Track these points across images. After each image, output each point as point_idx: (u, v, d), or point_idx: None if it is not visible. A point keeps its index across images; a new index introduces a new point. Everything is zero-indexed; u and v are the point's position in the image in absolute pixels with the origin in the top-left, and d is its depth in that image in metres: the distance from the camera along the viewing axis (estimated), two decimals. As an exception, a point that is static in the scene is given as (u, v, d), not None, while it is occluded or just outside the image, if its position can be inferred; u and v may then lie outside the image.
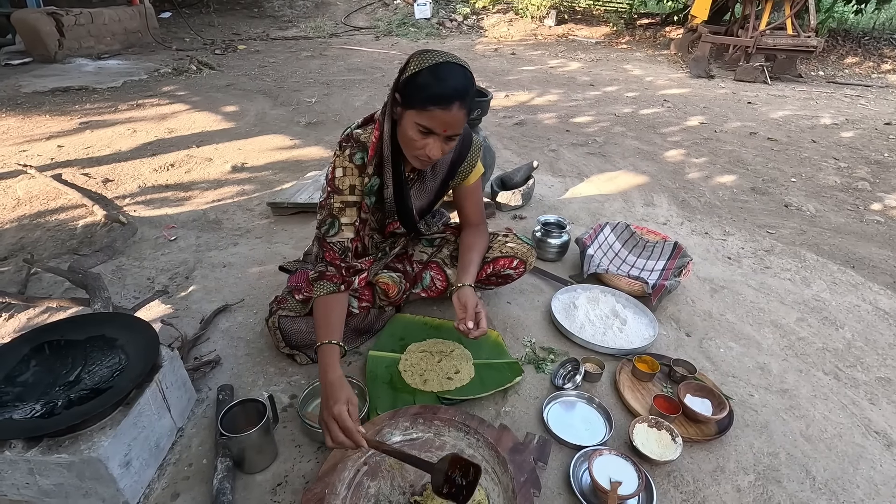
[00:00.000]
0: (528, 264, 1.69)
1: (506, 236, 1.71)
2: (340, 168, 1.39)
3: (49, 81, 4.65)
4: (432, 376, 1.46)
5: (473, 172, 1.56)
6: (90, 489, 1.09)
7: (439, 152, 1.26)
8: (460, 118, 1.21)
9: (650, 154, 3.67)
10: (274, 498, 1.17)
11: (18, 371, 1.15)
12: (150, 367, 1.19)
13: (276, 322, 1.50)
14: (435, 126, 1.20)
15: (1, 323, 1.72)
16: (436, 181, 1.53)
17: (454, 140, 1.27)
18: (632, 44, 8.54)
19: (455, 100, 1.18)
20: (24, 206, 2.50)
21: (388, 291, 1.61)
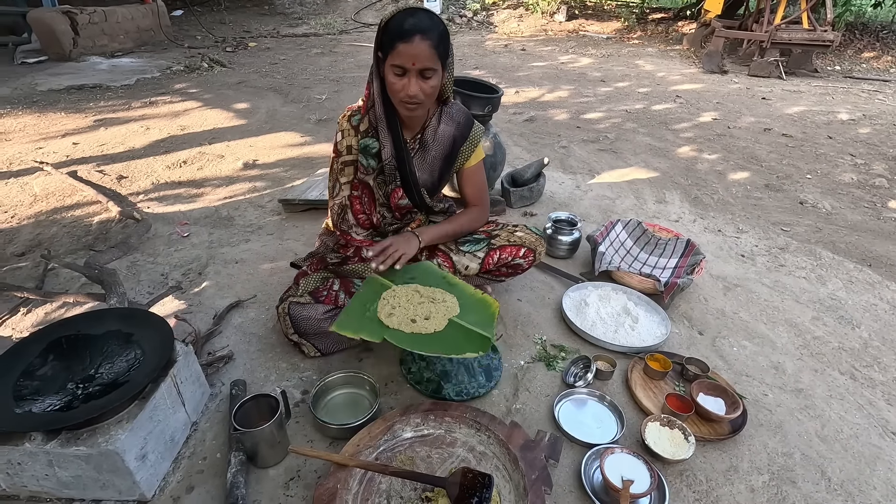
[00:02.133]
0: (537, 253, 1.68)
1: (515, 226, 1.71)
2: (340, 132, 1.50)
3: (64, 79, 4.71)
4: (401, 313, 1.33)
5: (474, 155, 1.59)
6: (107, 481, 1.10)
7: (416, 89, 1.30)
8: (425, 50, 1.26)
9: (662, 150, 3.63)
10: (286, 492, 1.18)
11: (37, 365, 1.17)
12: (166, 361, 1.21)
13: (287, 308, 1.51)
14: (404, 61, 1.27)
15: (19, 318, 1.75)
16: (437, 152, 1.54)
17: (431, 79, 1.31)
18: (643, 39, 8.44)
19: (416, 33, 1.25)
20: (41, 203, 2.53)
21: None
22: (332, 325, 1.27)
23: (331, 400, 1.42)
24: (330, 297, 1.53)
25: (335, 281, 1.56)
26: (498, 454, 1.24)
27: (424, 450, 1.26)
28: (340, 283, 1.56)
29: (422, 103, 1.35)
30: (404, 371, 1.50)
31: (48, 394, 1.12)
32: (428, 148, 1.53)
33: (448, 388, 1.45)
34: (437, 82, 1.33)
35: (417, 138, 1.52)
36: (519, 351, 1.65)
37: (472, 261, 1.64)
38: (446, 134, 1.52)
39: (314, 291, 1.54)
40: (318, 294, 1.53)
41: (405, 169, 1.50)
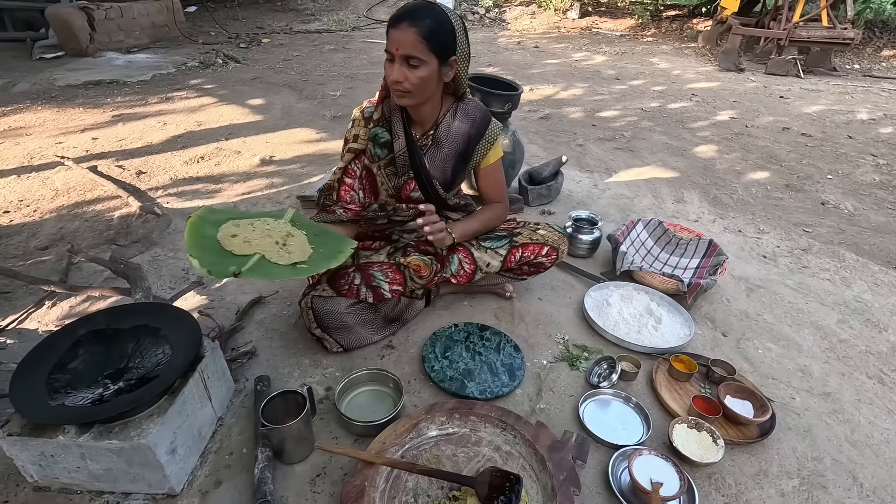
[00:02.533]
0: (560, 252, 1.68)
1: (537, 224, 1.71)
2: (352, 121, 1.53)
3: (81, 75, 4.74)
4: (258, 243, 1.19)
5: (492, 152, 1.58)
6: (138, 475, 1.11)
7: (400, 75, 1.30)
8: (410, 37, 1.25)
9: (679, 149, 3.59)
10: (313, 489, 1.19)
11: (68, 358, 1.18)
12: (194, 357, 1.21)
13: (310, 302, 1.51)
14: (391, 46, 1.29)
15: (44, 311, 1.77)
16: (450, 149, 1.53)
17: (418, 69, 1.30)
18: (657, 36, 8.36)
19: (404, 19, 1.26)
20: (63, 197, 2.56)
21: (419, 272, 1.59)
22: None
23: (355, 397, 1.42)
24: (352, 291, 1.53)
25: (356, 274, 1.55)
26: (524, 454, 1.23)
27: (450, 448, 1.26)
28: (361, 276, 1.55)
29: (410, 93, 1.34)
30: (427, 369, 1.50)
31: (80, 387, 1.12)
32: (441, 144, 1.52)
33: (471, 386, 1.45)
34: (425, 73, 1.31)
35: (430, 134, 1.51)
36: (541, 350, 1.64)
37: (493, 258, 1.64)
38: (461, 131, 1.51)
39: (335, 283, 1.53)
40: (340, 287, 1.53)
41: (416, 161, 1.50)
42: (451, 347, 1.58)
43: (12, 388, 1.08)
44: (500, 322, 1.75)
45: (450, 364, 1.52)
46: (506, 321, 1.76)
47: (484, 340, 1.62)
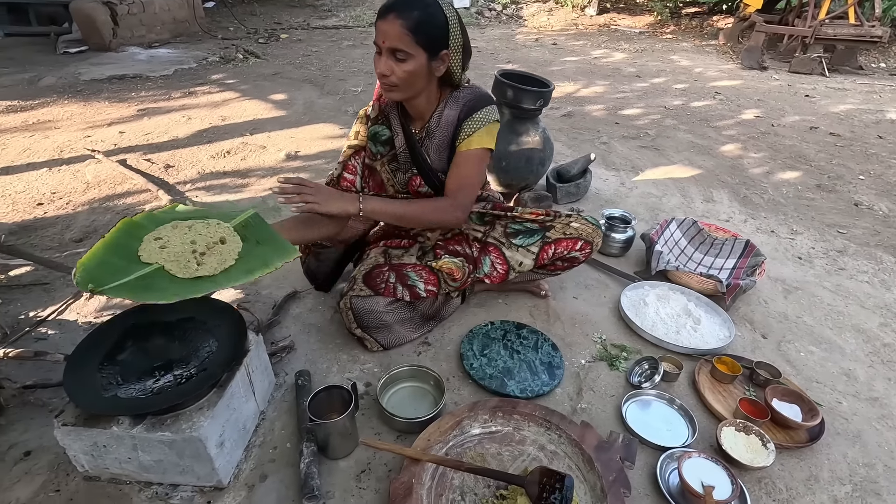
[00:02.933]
0: (594, 245, 1.63)
1: (569, 216, 1.63)
2: (357, 119, 1.54)
3: (105, 69, 4.79)
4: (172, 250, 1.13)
5: (476, 137, 1.41)
6: (187, 467, 1.12)
7: (386, 68, 1.27)
8: (396, 29, 1.23)
9: (705, 148, 3.54)
10: (359, 484, 1.18)
11: (118, 350, 1.18)
12: (241, 350, 1.21)
13: (349, 302, 1.50)
14: (377, 38, 1.26)
15: (83, 302, 1.78)
16: (440, 138, 1.46)
17: (405, 62, 1.27)
18: (677, 34, 8.25)
19: (391, 10, 1.23)
20: (94, 190, 2.58)
21: (453, 275, 1.57)
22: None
23: (395, 393, 1.42)
24: (388, 289, 1.52)
25: (391, 273, 1.54)
26: (570, 454, 1.22)
27: (494, 447, 1.25)
28: (396, 275, 1.54)
29: (398, 87, 1.31)
30: (466, 366, 1.49)
31: (131, 379, 1.13)
32: (433, 135, 1.47)
33: (512, 385, 1.44)
34: (412, 68, 1.28)
35: (426, 127, 1.48)
36: (578, 349, 1.62)
37: (525, 256, 1.61)
38: (449, 118, 1.44)
39: (371, 283, 1.52)
40: (376, 286, 1.52)
41: (417, 157, 1.48)
42: (489, 345, 1.57)
43: (66, 379, 1.09)
44: (536, 320, 1.74)
45: (488, 362, 1.51)
46: (541, 320, 1.74)
47: (521, 339, 1.61)
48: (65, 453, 1.18)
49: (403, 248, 1.67)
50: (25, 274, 1.93)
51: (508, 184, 2.46)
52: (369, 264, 1.58)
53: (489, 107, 1.43)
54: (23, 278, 1.91)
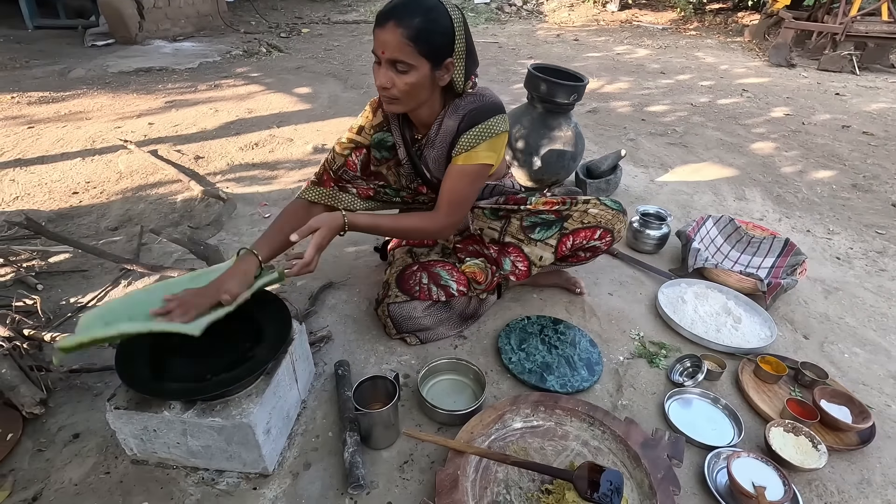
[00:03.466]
0: (615, 232, 1.54)
1: (587, 202, 1.54)
2: (364, 111, 1.46)
3: (132, 62, 4.85)
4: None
5: (472, 153, 1.30)
6: (234, 453, 1.12)
7: (386, 80, 1.19)
8: (395, 39, 1.12)
9: (735, 146, 3.48)
10: (402, 475, 1.18)
11: (166, 337, 1.19)
12: (287, 338, 1.22)
13: (387, 310, 1.50)
14: (376, 48, 1.18)
15: (121, 289, 1.81)
16: (440, 150, 1.38)
17: (407, 74, 1.17)
18: (701, 30, 8.12)
19: (390, 18, 1.13)
20: (126, 180, 2.61)
21: (476, 278, 1.57)
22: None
23: (434, 385, 1.42)
24: (423, 292, 1.51)
25: (422, 273, 1.53)
26: (615, 450, 1.21)
27: (537, 441, 1.24)
28: (428, 276, 1.53)
29: (398, 100, 1.23)
30: (504, 361, 1.48)
31: (180, 365, 1.14)
32: (433, 144, 1.39)
33: (551, 380, 1.43)
34: (414, 80, 1.18)
35: (427, 135, 1.40)
36: (616, 346, 1.60)
37: (544, 250, 1.57)
38: (448, 129, 1.33)
39: (405, 286, 1.51)
40: (411, 289, 1.51)
41: (417, 168, 1.44)
42: (527, 340, 1.56)
43: (118, 363, 1.10)
44: (572, 316, 1.72)
45: (527, 356, 1.50)
46: (577, 315, 1.73)
47: (558, 334, 1.59)
48: (112, 437, 1.20)
49: (428, 247, 1.66)
50: (65, 261, 1.96)
51: (539, 179, 2.44)
52: (399, 266, 1.57)
53: (494, 117, 1.30)
54: (62, 265, 1.94)
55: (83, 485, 1.14)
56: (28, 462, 1.19)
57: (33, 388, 1.27)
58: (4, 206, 2.34)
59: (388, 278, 1.56)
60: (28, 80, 4.26)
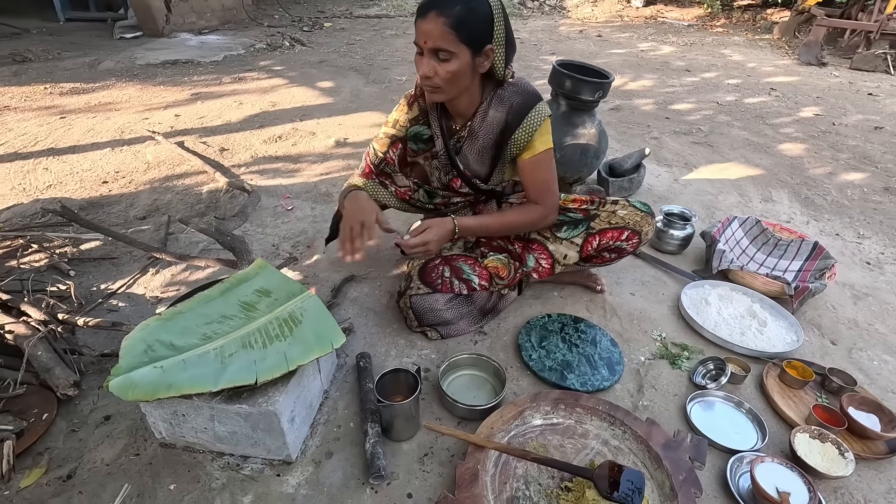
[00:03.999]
0: (642, 234, 1.54)
1: (615, 203, 1.56)
2: (399, 105, 1.50)
3: (160, 54, 4.94)
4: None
5: (531, 145, 1.38)
6: (259, 440, 1.15)
7: (429, 69, 1.23)
8: (437, 28, 1.17)
9: (762, 146, 3.41)
10: (422, 467, 1.19)
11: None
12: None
13: (408, 302, 1.51)
14: (418, 38, 1.21)
15: (149, 277, 1.85)
16: (484, 141, 1.42)
17: (448, 62, 1.22)
18: (728, 27, 7.94)
19: (431, 7, 1.17)
20: (154, 170, 2.67)
21: (499, 273, 1.57)
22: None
23: (454, 379, 1.43)
24: (445, 285, 1.52)
25: (445, 267, 1.54)
26: (636, 451, 1.20)
27: (556, 438, 1.24)
28: (450, 269, 1.54)
29: (441, 88, 1.27)
30: (525, 358, 1.48)
31: (209, 352, 1.17)
32: (476, 136, 1.42)
33: (571, 378, 1.42)
34: (456, 67, 1.22)
35: (468, 125, 1.43)
36: (637, 346, 1.59)
37: (569, 248, 1.57)
38: (495, 120, 1.38)
39: (428, 279, 1.51)
40: (433, 282, 1.51)
41: (455, 161, 1.46)
42: (547, 338, 1.56)
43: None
44: (593, 315, 1.71)
45: (547, 354, 1.50)
46: (598, 314, 1.72)
47: (579, 332, 1.59)
48: (142, 420, 1.24)
49: (451, 241, 1.66)
50: (95, 248, 2.02)
51: (561, 176, 2.42)
52: (421, 259, 1.58)
53: (538, 105, 1.36)
54: (93, 252, 1.99)
55: (114, 465, 1.18)
56: (62, 441, 1.23)
57: (67, 371, 1.31)
58: (38, 193, 2.41)
59: (410, 271, 1.57)
60: (60, 72, 4.36)
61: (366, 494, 1.13)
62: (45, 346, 1.35)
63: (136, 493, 1.11)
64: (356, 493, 1.13)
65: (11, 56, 4.66)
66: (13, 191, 2.43)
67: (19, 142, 2.93)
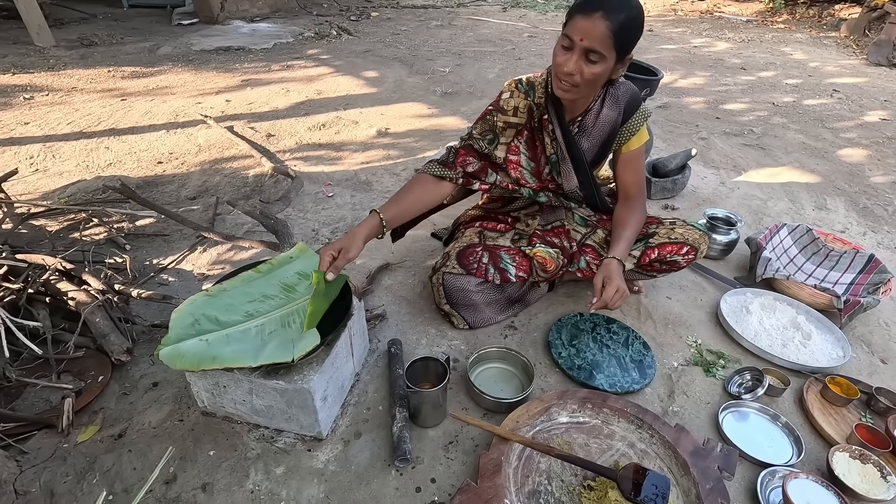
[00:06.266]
0: (699, 252, 1.53)
1: (673, 223, 1.58)
2: (508, 91, 1.46)
3: (214, 41, 5.12)
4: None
5: (636, 137, 1.48)
6: (293, 415, 1.20)
7: (575, 67, 1.21)
8: (600, 29, 1.14)
9: (819, 151, 3.23)
10: (447, 454, 1.22)
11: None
12: (348, 312, 1.28)
13: (441, 279, 1.53)
14: (574, 33, 1.18)
15: (197, 255, 1.95)
16: (596, 139, 1.46)
17: (596, 65, 1.20)
18: (791, 23, 7.52)
19: (598, 7, 1.14)
20: (205, 153, 2.79)
21: (545, 266, 1.55)
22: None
23: (483, 371, 1.44)
24: (480, 270, 1.52)
25: (484, 253, 1.55)
26: (662, 455, 1.19)
27: (581, 437, 1.24)
28: (489, 256, 1.54)
29: (578, 88, 1.26)
30: (554, 355, 1.48)
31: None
32: (587, 133, 1.46)
33: (600, 378, 1.41)
34: (601, 70, 1.22)
35: (578, 121, 1.45)
36: (671, 351, 1.56)
37: (626, 260, 1.54)
38: (608, 119, 1.44)
39: (464, 261, 1.53)
40: (469, 265, 1.52)
41: (575, 151, 1.46)
42: (578, 336, 1.55)
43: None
44: (626, 317, 1.69)
45: (577, 353, 1.49)
46: (632, 316, 1.69)
47: (611, 333, 1.57)
48: (186, 388, 1.32)
49: (499, 232, 1.66)
50: (149, 225, 2.14)
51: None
52: (464, 243, 1.59)
53: (640, 108, 1.45)
54: (147, 229, 2.11)
55: (160, 428, 1.26)
56: (115, 403, 1.33)
57: (121, 338, 1.41)
58: (100, 171, 2.57)
59: (449, 250, 1.58)
60: (122, 56, 4.60)
61: (391, 476, 1.16)
62: (103, 314, 1.45)
63: (179, 456, 1.19)
64: (381, 473, 1.17)
65: (80, 40, 4.94)
66: (78, 167, 2.60)
67: (84, 121, 3.12)
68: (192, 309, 1.23)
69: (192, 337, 1.16)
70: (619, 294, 1.33)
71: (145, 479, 1.11)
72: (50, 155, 2.70)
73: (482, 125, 1.50)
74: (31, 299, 1.52)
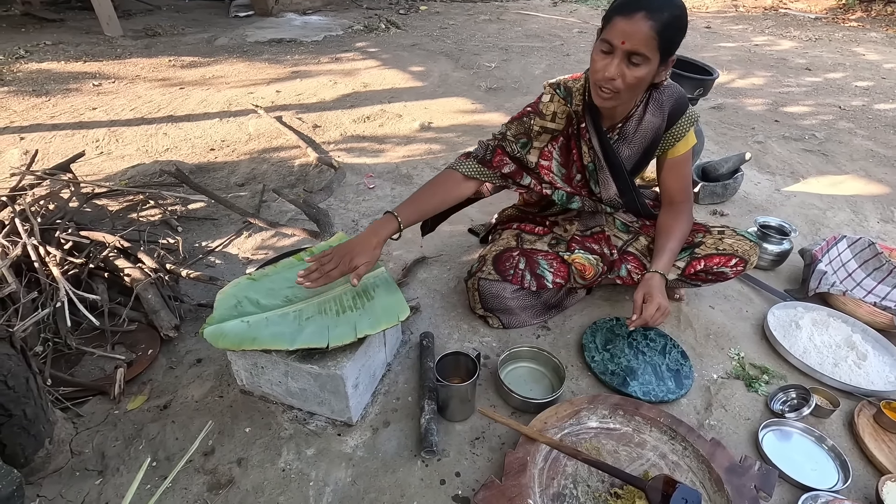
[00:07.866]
0: (749, 263, 1.46)
1: (721, 231, 1.51)
2: (548, 94, 1.40)
3: (267, 33, 5.28)
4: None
5: (682, 142, 1.41)
6: (325, 399, 1.24)
7: (616, 72, 1.14)
8: (643, 30, 1.08)
9: (890, 160, 3.02)
10: (473, 450, 1.23)
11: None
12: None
13: (476, 284, 1.53)
14: (614, 37, 1.11)
15: (243, 240, 2.03)
16: (637, 146, 1.40)
17: (639, 67, 1.13)
18: (865, 21, 7.02)
19: (640, 7, 1.07)
20: (254, 142, 2.89)
21: (584, 273, 1.51)
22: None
23: (513, 370, 1.44)
24: (516, 277, 1.49)
25: (520, 259, 1.51)
26: (695, 469, 1.15)
27: (611, 443, 1.22)
28: (526, 261, 1.51)
29: (619, 94, 1.18)
30: (587, 358, 1.46)
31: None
32: (629, 140, 1.39)
33: (634, 385, 1.38)
34: (644, 73, 1.15)
35: (618, 128, 1.38)
36: (710, 362, 1.51)
37: (671, 271, 1.49)
38: (651, 125, 1.36)
39: (501, 267, 1.50)
40: (505, 271, 1.50)
41: (613, 159, 1.40)
42: (613, 341, 1.52)
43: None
44: (665, 324, 1.64)
45: (611, 358, 1.46)
46: (671, 324, 1.64)
47: (648, 340, 1.53)
48: (227, 366, 1.38)
49: (537, 235, 1.64)
50: (200, 209, 2.24)
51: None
52: (500, 246, 1.57)
53: (687, 114, 1.38)
54: (197, 213, 2.21)
55: (202, 403, 1.32)
56: (162, 376, 1.41)
57: (170, 315, 1.49)
58: (158, 155, 2.71)
59: (486, 253, 1.56)
60: (182, 46, 4.82)
61: (416, 466, 1.18)
62: (154, 291, 1.53)
63: (217, 430, 1.25)
64: (408, 462, 1.19)
65: (144, 31, 5.21)
66: (138, 151, 2.75)
67: (146, 108, 3.30)
68: (235, 291, 1.28)
69: (234, 318, 1.22)
70: (661, 312, 1.29)
71: (186, 450, 1.17)
72: (114, 139, 2.87)
73: (517, 126, 1.44)
74: (92, 274, 1.62)
